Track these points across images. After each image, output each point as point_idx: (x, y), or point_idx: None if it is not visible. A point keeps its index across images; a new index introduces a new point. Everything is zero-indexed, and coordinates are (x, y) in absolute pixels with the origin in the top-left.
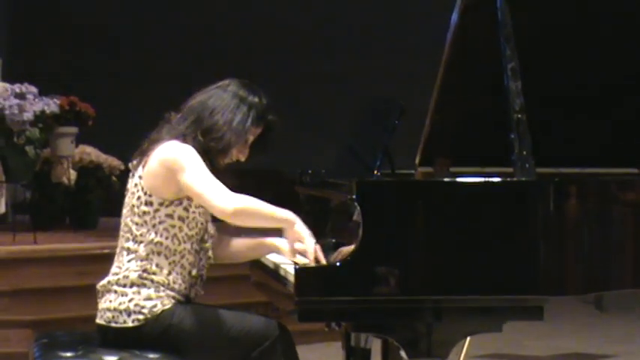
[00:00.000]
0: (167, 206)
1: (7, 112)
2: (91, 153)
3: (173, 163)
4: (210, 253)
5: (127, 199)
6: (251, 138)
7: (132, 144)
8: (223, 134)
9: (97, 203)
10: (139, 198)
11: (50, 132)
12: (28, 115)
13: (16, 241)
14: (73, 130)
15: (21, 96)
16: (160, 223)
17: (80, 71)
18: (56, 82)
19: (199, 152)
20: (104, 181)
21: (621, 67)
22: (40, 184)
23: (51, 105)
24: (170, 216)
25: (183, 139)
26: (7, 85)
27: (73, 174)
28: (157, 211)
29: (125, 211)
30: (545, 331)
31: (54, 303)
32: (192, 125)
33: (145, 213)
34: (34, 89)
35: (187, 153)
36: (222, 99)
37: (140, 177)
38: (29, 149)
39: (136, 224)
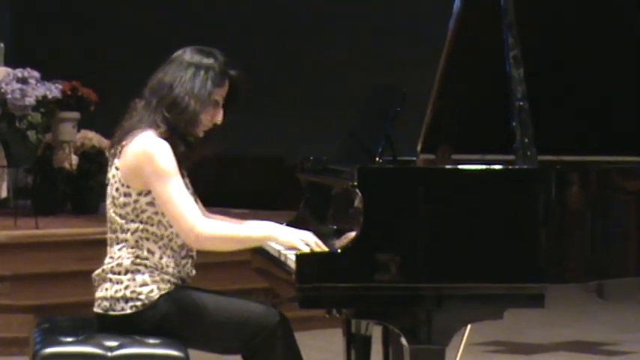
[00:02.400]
0: (146, 195)
1: (9, 96)
2: (92, 138)
3: (146, 162)
4: None
5: (108, 190)
6: (220, 99)
7: None
8: (187, 105)
9: (98, 188)
10: (117, 189)
11: (52, 117)
12: (30, 100)
13: (18, 225)
14: (75, 115)
15: (23, 81)
16: (143, 212)
17: (82, 56)
18: (58, 67)
19: (170, 130)
20: (106, 167)
21: (625, 53)
22: (42, 169)
23: (53, 90)
24: (151, 204)
25: (156, 124)
26: (10, 70)
27: (74, 159)
28: (136, 201)
29: (108, 202)
30: (547, 320)
31: (55, 288)
32: (158, 106)
33: (125, 204)
34: (36, 74)
35: (163, 155)
36: (178, 71)
37: (117, 168)
38: (31, 134)
39: (119, 215)
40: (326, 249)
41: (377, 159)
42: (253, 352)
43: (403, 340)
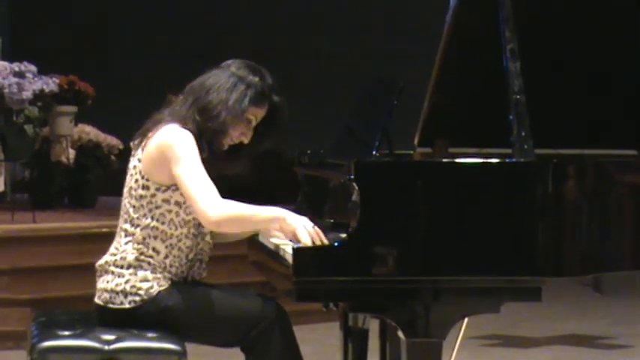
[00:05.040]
0: (164, 191)
1: (6, 90)
2: (90, 132)
3: (169, 149)
4: (208, 237)
5: (127, 179)
6: (253, 119)
7: (131, 123)
8: (219, 113)
9: (95, 182)
10: (136, 181)
11: (49, 111)
12: (27, 94)
13: (15, 220)
14: (72, 109)
15: (20, 75)
16: (157, 207)
17: (80, 50)
18: (55, 61)
19: (197, 133)
20: (103, 161)
21: (622, 45)
22: (39, 163)
23: (50, 84)
24: (167, 201)
25: (184, 122)
26: (7, 64)
27: (72, 153)
28: (153, 195)
29: (124, 191)
30: (543, 313)
31: (53, 282)
32: (191, 107)
33: (141, 197)
34: (33, 68)
35: (185, 142)
36: (220, 78)
37: (139, 160)
38: (28, 128)
39: (133, 207)
40: (325, 241)
41: (374, 152)
42: (251, 345)
43: (400, 334)
